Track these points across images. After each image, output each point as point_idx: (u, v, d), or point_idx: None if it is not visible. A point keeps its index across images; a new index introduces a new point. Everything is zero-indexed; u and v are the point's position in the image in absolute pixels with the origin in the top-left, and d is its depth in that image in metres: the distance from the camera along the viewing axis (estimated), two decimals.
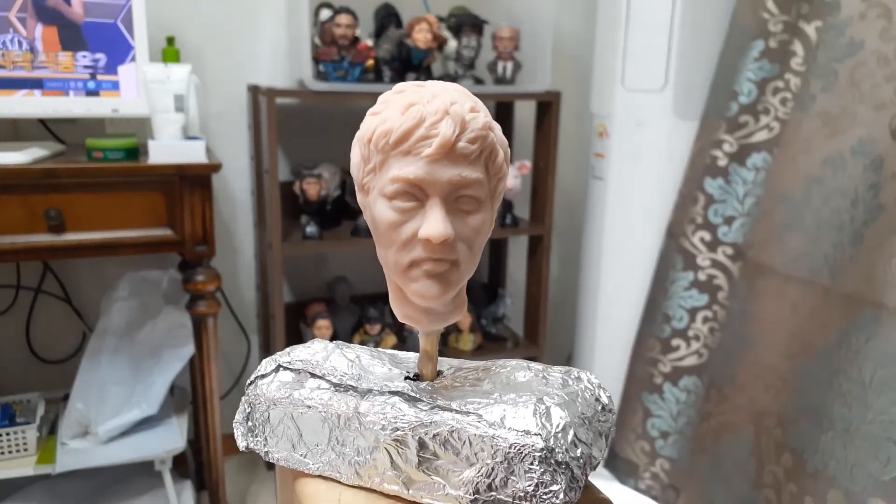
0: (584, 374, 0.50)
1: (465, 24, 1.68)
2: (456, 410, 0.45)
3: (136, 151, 1.33)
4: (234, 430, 0.53)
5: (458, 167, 0.42)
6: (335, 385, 0.50)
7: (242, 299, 1.88)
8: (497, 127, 0.45)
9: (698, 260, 1.63)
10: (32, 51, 1.34)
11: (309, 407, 0.49)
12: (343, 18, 1.53)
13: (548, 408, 0.44)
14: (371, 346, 0.57)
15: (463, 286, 0.47)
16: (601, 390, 0.49)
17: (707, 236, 1.61)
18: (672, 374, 1.67)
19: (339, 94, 1.57)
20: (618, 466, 1.78)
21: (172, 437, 1.50)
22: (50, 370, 1.70)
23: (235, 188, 1.81)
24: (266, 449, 0.51)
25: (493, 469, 0.42)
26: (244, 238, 1.85)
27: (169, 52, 1.57)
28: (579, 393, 0.48)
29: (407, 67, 1.64)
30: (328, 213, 1.73)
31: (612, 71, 1.71)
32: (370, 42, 1.61)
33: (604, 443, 0.47)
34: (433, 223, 0.42)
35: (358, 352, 0.54)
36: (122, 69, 1.40)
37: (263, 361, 0.54)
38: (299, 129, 1.83)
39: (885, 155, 1.25)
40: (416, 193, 0.43)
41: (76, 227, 1.27)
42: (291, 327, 1.79)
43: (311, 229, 1.63)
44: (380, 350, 0.55)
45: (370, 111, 0.45)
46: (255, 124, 1.70)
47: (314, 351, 0.54)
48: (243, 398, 0.53)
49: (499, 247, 2.07)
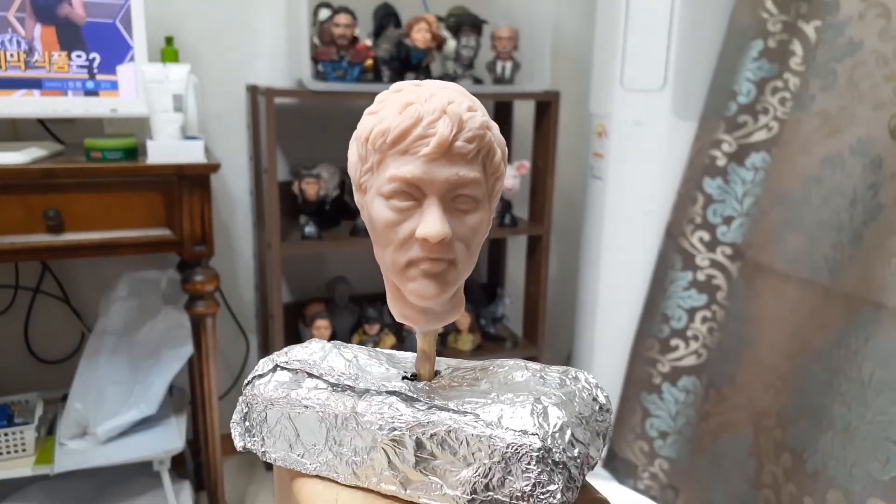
0: (581, 374, 0.50)
1: (464, 23, 1.68)
2: (453, 410, 0.45)
3: (135, 151, 1.33)
4: (232, 430, 0.53)
5: (456, 166, 0.42)
6: (332, 385, 0.49)
7: (241, 299, 1.87)
8: (494, 126, 0.45)
9: (697, 260, 1.63)
10: (30, 51, 1.34)
11: (306, 407, 0.49)
12: (342, 18, 1.53)
13: (545, 407, 0.43)
14: (370, 346, 0.57)
15: (461, 286, 0.47)
16: (598, 390, 0.49)
17: (706, 236, 1.61)
18: (671, 374, 1.67)
19: (338, 93, 1.57)
20: (617, 466, 1.78)
21: (171, 438, 1.50)
22: (48, 370, 1.70)
23: (234, 188, 1.81)
24: (263, 449, 0.51)
25: (490, 469, 0.42)
26: (243, 238, 1.85)
27: (168, 51, 1.57)
28: (577, 393, 0.47)
29: (406, 67, 1.63)
30: (327, 213, 1.73)
31: (611, 71, 1.71)
32: (369, 42, 1.61)
33: (601, 443, 0.47)
34: (430, 222, 0.42)
35: (355, 352, 0.54)
36: (120, 69, 1.40)
37: (261, 361, 0.54)
38: (298, 129, 1.83)
39: (884, 155, 1.25)
40: (413, 193, 0.43)
41: (75, 228, 1.27)
42: (290, 327, 1.79)
43: (309, 229, 1.63)
44: (377, 350, 0.55)
45: (367, 110, 0.45)
46: (254, 124, 1.70)
47: (312, 351, 0.54)
48: (240, 398, 0.53)
49: (498, 247, 2.07)
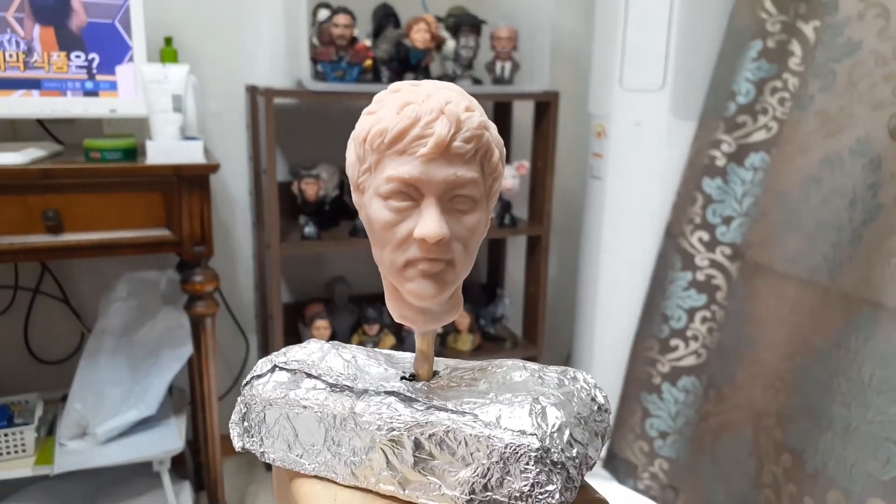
0: (580, 374, 0.50)
1: (464, 24, 1.68)
2: (452, 410, 0.45)
3: (134, 152, 1.33)
4: (230, 431, 0.53)
5: (454, 166, 0.42)
6: (331, 385, 0.49)
7: (241, 300, 1.87)
8: (492, 126, 0.45)
9: (697, 260, 1.63)
10: (29, 51, 1.34)
11: (305, 407, 0.49)
12: (341, 18, 1.53)
13: (543, 408, 0.43)
14: (369, 346, 0.57)
15: (459, 286, 0.47)
16: (597, 390, 0.49)
17: (705, 236, 1.61)
18: (671, 374, 1.67)
19: (338, 94, 1.57)
20: (617, 467, 1.78)
21: (171, 438, 1.50)
22: (48, 371, 1.70)
23: (234, 188, 1.81)
24: (262, 449, 0.51)
25: (488, 469, 0.42)
26: (242, 238, 1.85)
27: (167, 52, 1.57)
28: (575, 393, 0.47)
29: (405, 67, 1.63)
30: (326, 213, 1.73)
31: (610, 71, 1.71)
32: (368, 42, 1.61)
33: (600, 443, 0.47)
34: (428, 223, 0.42)
35: (354, 352, 0.54)
36: (119, 69, 1.40)
37: (259, 361, 0.54)
38: (297, 130, 1.83)
39: (883, 155, 1.25)
40: (411, 193, 0.43)
41: (74, 228, 1.27)
42: (290, 328, 1.79)
43: (309, 229, 1.63)
44: (376, 350, 0.55)
45: (365, 110, 0.45)
46: (254, 124, 1.70)
47: (310, 351, 0.54)
48: (239, 398, 0.53)
49: (497, 247, 2.07)
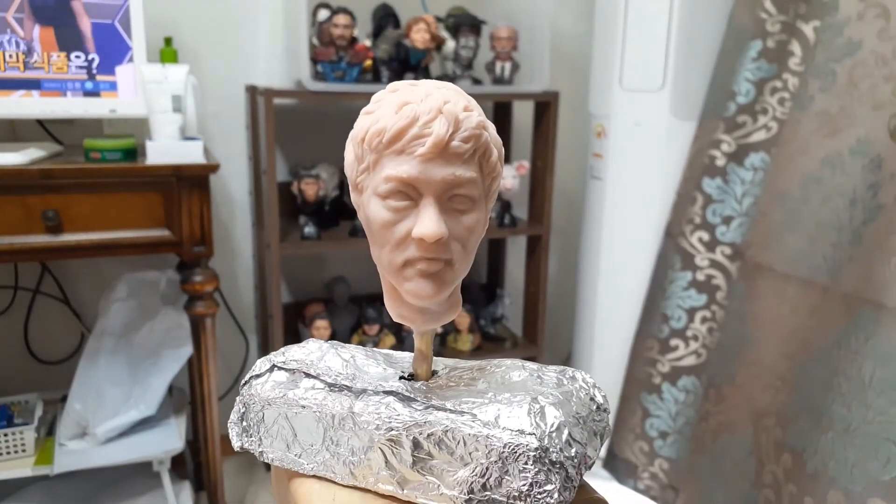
0: (578, 374, 0.50)
1: (463, 24, 1.68)
2: (450, 410, 0.45)
3: (134, 152, 1.33)
4: (229, 430, 0.53)
5: (452, 166, 0.42)
6: (330, 385, 0.49)
7: (241, 300, 1.87)
8: (491, 126, 0.45)
9: (696, 260, 1.62)
10: (29, 51, 1.34)
11: (303, 407, 0.49)
12: (341, 19, 1.53)
13: (542, 407, 0.43)
14: (369, 346, 0.57)
15: (457, 285, 0.47)
16: (596, 389, 0.49)
17: (705, 236, 1.61)
18: (671, 374, 1.67)
19: (337, 94, 1.57)
20: (617, 467, 1.77)
21: (171, 438, 1.50)
22: (48, 371, 1.70)
23: (233, 188, 1.81)
24: (261, 449, 0.51)
25: (487, 469, 0.42)
26: (242, 238, 1.85)
27: (166, 52, 1.57)
28: (574, 392, 0.47)
29: (405, 68, 1.63)
30: (326, 213, 1.73)
31: (610, 71, 1.71)
32: (368, 42, 1.61)
33: (598, 442, 0.47)
34: (427, 222, 0.42)
35: (353, 351, 0.54)
36: (119, 70, 1.40)
37: (258, 361, 0.54)
38: (297, 130, 1.83)
39: (883, 155, 1.25)
40: (409, 193, 0.43)
41: (74, 228, 1.27)
42: (290, 328, 1.79)
43: (309, 230, 1.63)
44: (375, 350, 0.55)
45: (364, 110, 0.45)
46: (253, 125, 1.70)
47: (309, 351, 0.54)
48: (238, 398, 0.53)
49: (497, 247, 2.07)
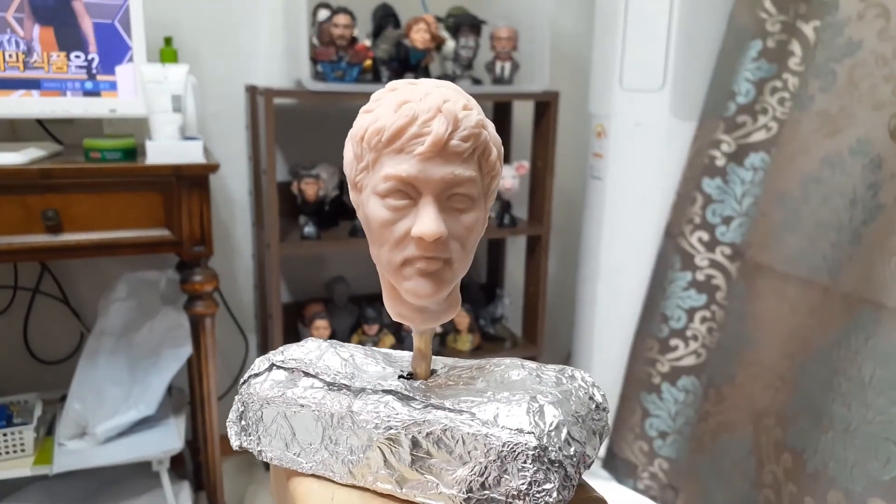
0: (577, 373, 0.50)
1: (463, 24, 1.68)
2: (449, 409, 0.44)
3: (134, 152, 1.33)
4: (228, 430, 0.53)
5: (451, 165, 0.42)
6: (328, 384, 0.49)
7: (240, 299, 1.87)
8: (490, 125, 0.45)
9: (696, 260, 1.62)
10: (29, 51, 1.34)
11: (302, 406, 0.49)
12: (341, 18, 1.53)
13: (541, 406, 0.43)
14: (369, 346, 0.56)
15: (457, 285, 0.47)
16: (595, 388, 0.49)
17: (705, 236, 1.61)
18: (670, 374, 1.67)
19: (337, 94, 1.57)
20: (616, 466, 1.77)
21: (170, 438, 1.50)
22: (47, 371, 1.70)
23: (233, 188, 1.81)
24: (259, 448, 0.51)
25: (486, 467, 0.42)
26: (242, 238, 1.85)
27: (166, 52, 1.57)
28: (573, 391, 0.47)
29: (405, 67, 1.63)
30: (326, 213, 1.73)
31: (610, 71, 1.71)
32: (368, 42, 1.61)
33: (597, 441, 0.47)
34: (426, 221, 0.42)
35: (352, 350, 0.54)
36: (119, 69, 1.40)
37: (257, 360, 0.54)
38: (297, 130, 1.83)
39: (883, 155, 1.25)
40: (408, 191, 0.43)
41: (73, 228, 1.27)
42: (289, 327, 1.78)
43: (309, 229, 1.63)
44: (374, 349, 0.55)
45: (363, 109, 0.45)
46: (253, 124, 1.70)
47: (308, 350, 0.53)
48: (237, 397, 0.53)
49: (497, 247, 2.07)
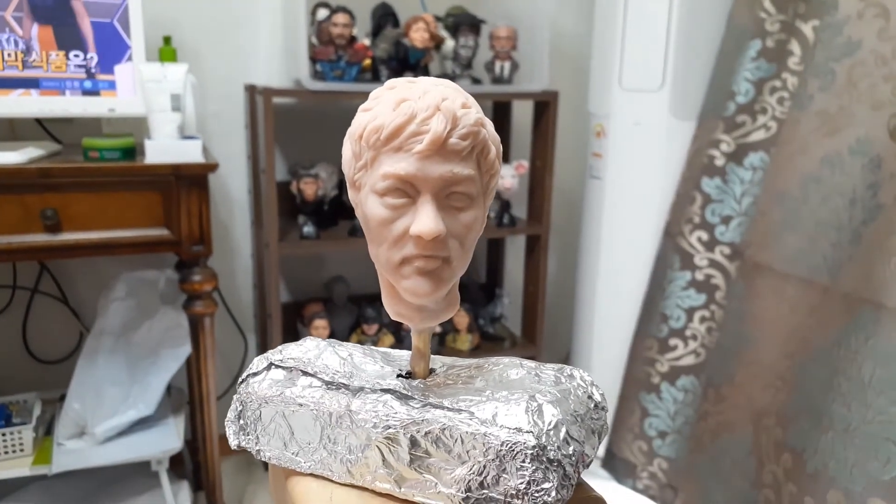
0: (576, 372, 0.50)
1: (463, 23, 1.68)
2: (448, 408, 0.44)
3: (133, 151, 1.33)
4: (226, 429, 0.53)
5: (450, 163, 0.42)
6: (327, 383, 0.49)
7: (239, 299, 1.87)
8: (489, 123, 0.45)
9: (696, 259, 1.62)
10: (28, 50, 1.34)
11: (300, 405, 0.49)
12: (340, 18, 1.53)
13: (540, 405, 0.43)
14: (368, 345, 0.56)
15: (455, 283, 0.47)
16: (594, 388, 0.49)
17: (704, 236, 1.61)
18: (670, 374, 1.67)
19: (337, 93, 1.56)
20: (615, 466, 1.77)
21: (169, 438, 1.49)
22: (46, 370, 1.70)
23: (232, 188, 1.81)
24: (258, 447, 0.51)
25: (484, 467, 0.42)
26: (241, 238, 1.85)
27: (165, 51, 1.57)
28: (572, 390, 0.47)
29: (404, 67, 1.63)
30: (325, 212, 1.72)
31: (609, 71, 1.71)
32: (367, 41, 1.61)
33: (596, 440, 0.47)
34: (424, 219, 0.42)
35: (350, 350, 0.53)
36: (118, 69, 1.40)
37: (255, 359, 0.53)
38: (296, 129, 1.83)
39: (883, 154, 1.25)
40: (407, 190, 0.42)
41: (72, 227, 1.27)
42: (289, 327, 1.78)
43: (308, 229, 1.63)
44: (372, 348, 0.55)
45: (361, 107, 0.45)
46: (252, 124, 1.70)
47: (306, 349, 0.53)
48: (235, 396, 0.53)
49: (496, 246, 2.07)
